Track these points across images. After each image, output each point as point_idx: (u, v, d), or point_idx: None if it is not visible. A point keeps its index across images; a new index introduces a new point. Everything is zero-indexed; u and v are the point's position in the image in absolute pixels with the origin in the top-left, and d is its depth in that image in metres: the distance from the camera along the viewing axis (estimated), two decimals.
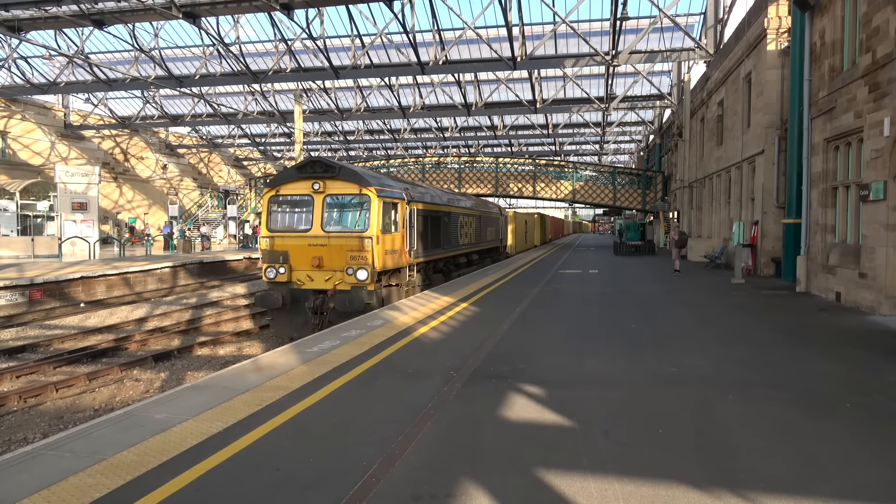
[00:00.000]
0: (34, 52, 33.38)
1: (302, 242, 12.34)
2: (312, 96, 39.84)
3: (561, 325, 10.07)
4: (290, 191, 12.70)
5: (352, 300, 11.61)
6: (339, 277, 12.12)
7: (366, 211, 12.26)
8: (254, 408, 5.46)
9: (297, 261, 12.39)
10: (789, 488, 3.87)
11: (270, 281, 12.47)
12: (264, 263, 12.49)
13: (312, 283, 12.33)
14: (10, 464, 4.27)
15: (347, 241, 12.12)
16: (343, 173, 12.37)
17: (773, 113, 18.22)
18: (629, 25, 27.51)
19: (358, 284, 11.99)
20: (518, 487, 3.90)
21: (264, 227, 12.71)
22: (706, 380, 6.47)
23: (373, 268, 12.01)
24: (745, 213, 20.95)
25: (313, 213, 12.38)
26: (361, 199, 12.33)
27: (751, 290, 15.02)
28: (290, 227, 12.73)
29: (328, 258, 12.20)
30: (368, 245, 12.02)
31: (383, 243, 12.48)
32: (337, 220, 12.55)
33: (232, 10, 23.00)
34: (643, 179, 40.58)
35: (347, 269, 12.04)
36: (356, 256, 12.03)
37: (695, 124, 30.52)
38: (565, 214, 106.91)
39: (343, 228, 12.37)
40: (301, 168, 12.60)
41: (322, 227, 12.30)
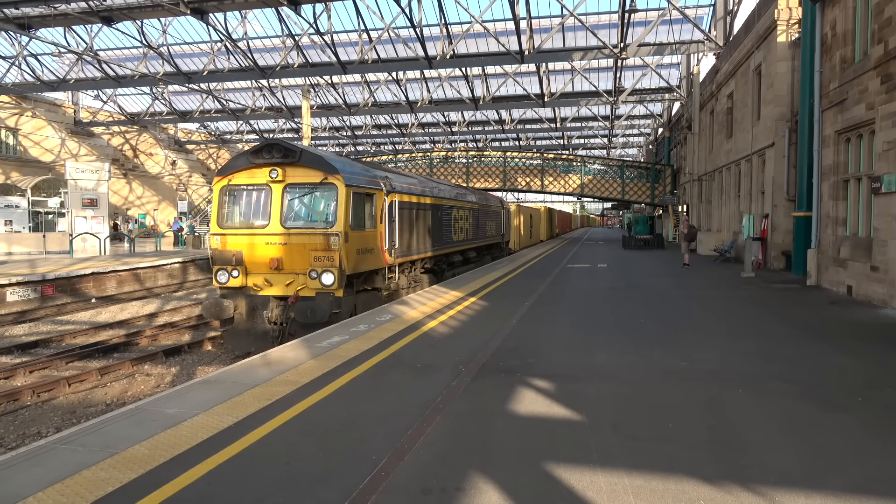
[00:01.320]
0: (44, 50, 33.56)
1: (258, 241, 10.69)
2: (320, 91, 39.89)
3: (570, 319, 10.05)
4: (243, 180, 10.99)
5: (314, 310, 10.00)
6: (301, 282, 10.48)
7: (332, 203, 10.61)
8: (263, 402, 5.49)
9: (253, 262, 10.75)
10: (801, 482, 3.85)
11: (222, 286, 10.84)
12: (215, 266, 10.86)
13: (271, 289, 10.69)
14: (24, 457, 4.32)
15: (310, 239, 10.46)
16: (305, 158, 10.62)
17: (784, 105, 18.06)
18: (638, 18, 27.33)
19: (324, 290, 10.36)
20: (527, 481, 3.91)
21: (214, 222, 11.13)
22: (716, 374, 6.44)
23: (340, 270, 10.36)
24: (756, 207, 20.81)
25: (271, 206, 10.73)
26: (327, 189, 10.65)
27: (761, 283, 14.94)
28: (244, 222, 11.03)
29: (289, 259, 10.56)
30: (335, 243, 10.33)
31: (354, 241, 10.85)
32: (299, 213, 10.90)
33: (239, 5, 23.06)
34: (652, 173, 40.41)
35: (311, 271, 10.33)
36: (321, 257, 10.39)
37: (704, 117, 30.32)
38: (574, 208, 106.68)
39: (306, 224, 10.72)
40: (256, 153, 10.82)
41: (281, 223, 10.65)
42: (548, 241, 43.60)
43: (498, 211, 26.86)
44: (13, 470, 4.10)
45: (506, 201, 30.25)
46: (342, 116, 44.48)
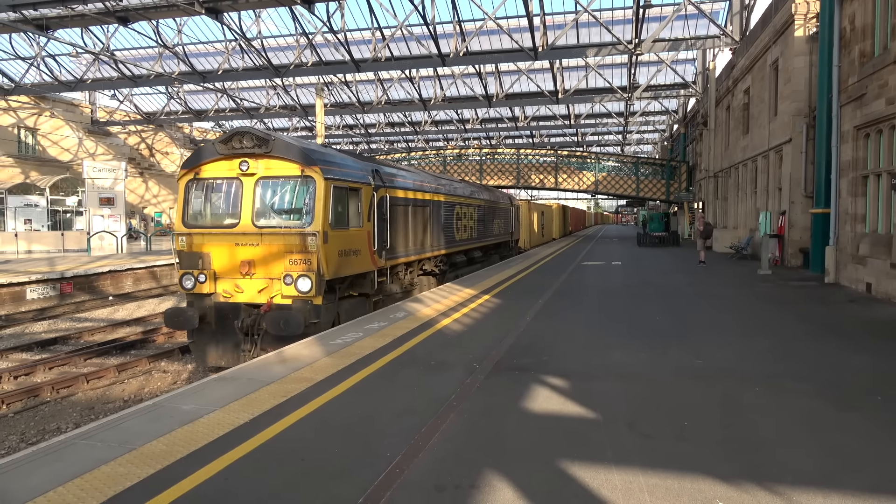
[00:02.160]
0: (62, 50, 33.95)
1: (228, 241, 9.60)
2: (333, 90, 39.99)
3: (584, 317, 10.01)
4: (211, 173, 9.91)
5: (287, 321, 8.89)
6: (276, 288, 9.40)
7: (309, 198, 9.48)
8: (279, 399, 5.53)
9: (223, 266, 9.66)
10: (818, 482, 3.81)
11: (189, 292, 9.79)
12: (180, 269, 9.81)
13: (243, 296, 9.60)
14: (45, 452, 4.38)
15: (285, 240, 9.35)
16: (278, 148, 9.51)
17: (801, 100, 17.86)
18: (652, 13, 27.12)
19: (300, 297, 9.27)
20: (542, 479, 3.90)
21: (179, 220, 10.05)
22: (732, 372, 6.39)
23: (319, 275, 9.21)
24: (772, 203, 20.60)
25: (241, 203, 9.65)
26: (304, 183, 9.54)
27: (778, 281, 14.79)
28: (212, 221, 9.98)
29: (262, 262, 9.48)
30: (312, 244, 9.21)
31: (336, 241, 9.68)
32: (273, 210, 9.82)
33: (253, 4, 23.17)
34: (667, 170, 40.12)
35: (285, 276, 9.21)
36: (296, 260, 9.29)
37: (720, 113, 30.04)
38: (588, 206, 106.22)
39: (281, 222, 9.64)
40: (224, 142, 9.69)
41: (253, 222, 9.53)
42: (561, 239, 43.22)
43: (506, 208, 25.56)
44: (34, 464, 4.17)
45: (515, 198, 29.07)
46: (355, 114, 44.54)
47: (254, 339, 9.45)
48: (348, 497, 3.65)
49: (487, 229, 21.58)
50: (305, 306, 9.33)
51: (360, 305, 11.09)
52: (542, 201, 55.16)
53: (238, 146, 9.57)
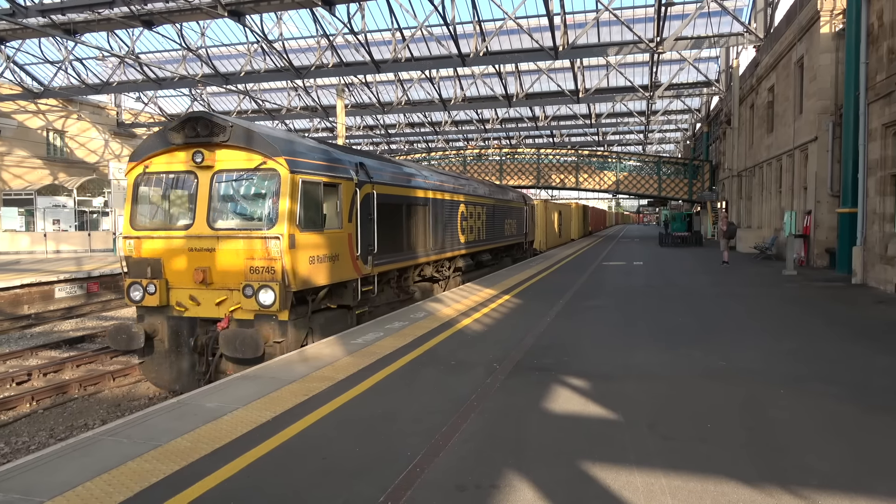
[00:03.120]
0: (88, 54, 34.61)
1: (181, 245, 8.39)
2: (354, 90, 40.19)
3: (605, 317, 9.95)
4: (163, 166, 8.68)
5: (244, 341, 7.66)
6: (236, 300, 8.15)
7: (273, 195, 8.24)
8: (300, 398, 5.58)
9: (176, 274, 8.43)
10: (844, 486, 3.75)
11: (137, 305, 8.56)
12: (127, 279, 8.58)
13: (198, 309, 8.38)
14: (73, 448, 4.48)
15: (245, 244, 8.10)
16: (237, 136, 8.23)
17: (827, 98, 17.57)
18: (674, 11, 26.86)
19: (263, 311, 8.02)
20: (562, 479, 3.89)
21: (127, 222, 8.82)
22: (756, 374, 6.31)
23: (284, 285, 7.93)
24: (798, 203, 20.29)
25: (196, 201, 8.43)
26: (266, 177, 8.29)
27: (803, 281, 14.56)
28: (163, 222, 8.79)
29: (219, 270, 8.22)
30: (275, 249, 7.96)
31: (307, 246, 8.41)
32: (232, 210, 8.57)
33: (275, 6, 23.39)
34: (690, 169, 39.70)
35: (245, 287, 7.94)
36: (258, 268, 8.05)
37: (744, 111, 29.65)
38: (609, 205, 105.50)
39: (240, 223, 8.37)
40: (177, 130, 8.41)
41: (209, 223, 8.31)
42: (580, 240, 42.76)
43: (519, 207, 24.10)
44: (63, 459, 4.26)
45: (529, 197, 27.62)
46: (376, 115, 44.74)
47: (208, 361, 8.24)
48: (369, 496, 3.67)
49: (497, 230, 20.19)
50: (268, 322, 8.14)
51: (339, 319, 9.67)
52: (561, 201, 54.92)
53: (192, 134, 8.28)
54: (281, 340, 8.20)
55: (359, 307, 10.25)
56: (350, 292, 9.84)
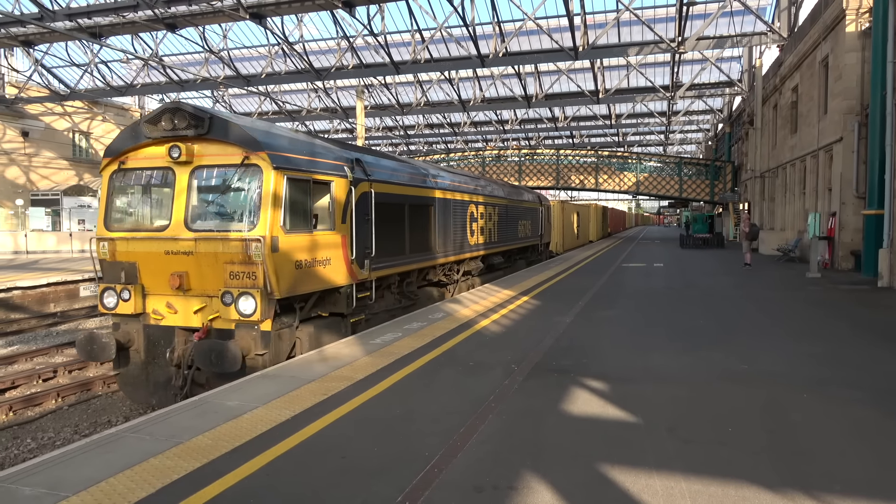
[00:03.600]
0: (113, 57, 35.21)
1: (157, 248, 7.77)
2: (373, 92, 40.38)
3: (624, 319, 9.88)
4: (139, 161, 8.08)
5: (220, 354, 7.05)
6: (215, 308, 7.57)
7: (254, 194, 7.60)
8: (319, 397, 5.62)
9: (152, 279, 7.86)
10: (868, 492, 3.69)
11: (111, 312, 8.01)
12: (101, 284, 8.07)
13: (176, 318, 7.84)
14: (96, 444, 4.56)
15: (224, 247, 7.47)
16: (217, 129, 7.65)
17: (853, 98, 17.28)
18: (696, 11, 26.61)
19: (243, 321, 7.41)
20: (580, 482, 3.87)
21: (101, 222, 8.27)
22: (778, 377, 6.22)
23: (266, 292, 7.35)
24: (822, 204, 19.98)
25: (173, 200, 7.82)
26: (248, 174, 7.65)
27: (827, 284, 14.32)
28: (139, 222, 8.23)
29: (197, 275, 7.62)
30: (257, 253, 7.34)
31: (293, 249, 7.81)
32: (211, 210, 7.93)
33: (296, 9, 23.61)
34: (711, 170, 39.30)
35: (224, 294, 7.36)
36: (238, 273, 7.43)
37: (767, 112, 29.28)
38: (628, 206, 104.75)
39: (220, 224, 7.72)
40: (153, 122, 7.80)
41: (186, 223, 7.69)
42: (598, 242, 42.05)
43: (534, 208, 23.06)
44: (87, 455, 4.33)
45: (545, 197, 26.62)
46: (395, 116, 44.91)
47: (184, 375, 7.59)
48: (388, 495, 3.69)
49: (510, 232, 19.28)
50: (249, 333, 7.49)
51: (332, 328, 8.94)
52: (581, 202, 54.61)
53: (169, 127, 7.70)
54: (263, 353, 7.50)
55: (354, 315, 9.48)
56: (344, 299, 9.12)
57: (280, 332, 7.78)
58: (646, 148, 60.15)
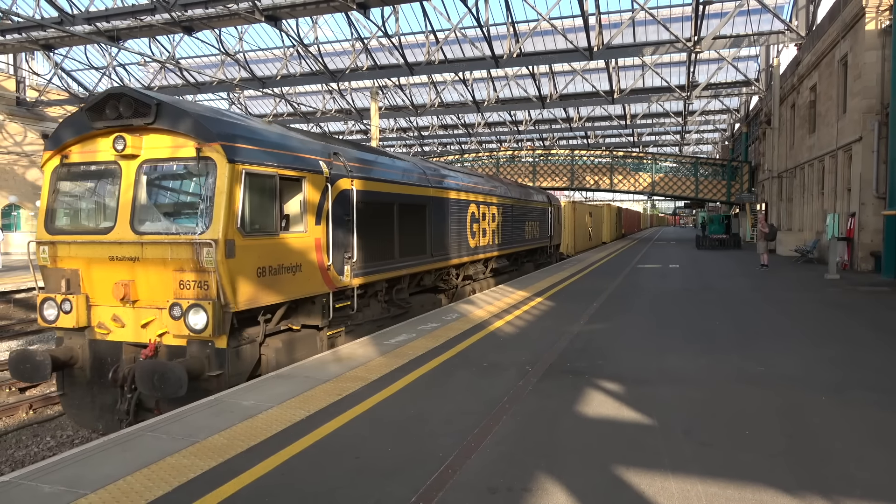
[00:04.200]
0: (131, 60, 35.62)
1: (100, 254, 6.95)
2: (388, 93, 40.48)
3: (640, 320, 9.82)
4: (82, 155, 7.24)
5: (164, 377, 6.11)
6: (166, 321, 6.64)
7: (207, 191, 6.69)
8: (334, 397, 5.64)
9: (96, 288, 7.02)
10: (890, 497, 3.63)
11: (51, 326, 7.18)
12: (41, 293, 7.23)
13: (123, 332, 6.97)
14: (115, 443, 4.61)
15: (173, 252, 6.63)
16: (166, 117, 6.76)
17: (873, 97, 17.05)
18: (712, 10, 26.40)
19: (195, 337, 6.53)
20: (595, 484, 3.85)
21: (41, 224, 7.45)
22: (796, 380, 6.15)
23: (220, 305, 6.48)
24: (841, 205, 19.73)
25: (118, 198, 6.97)
26: (201, 168, 6.74)
27: (846, 286, 14.14)
28: (82, 224, 7.37)
29: (145, 284, 6.80)
30: (209, 259, 6.46)
31: (255, 254, 6.91)
32: (160, 209, 7.07)
33: (311, 11, 23.73)
34: (728, 170, 38.96)
35: (172, 307, 6.51)
36: (188, 282, 6.59)
37: (784, 111, 28.97)
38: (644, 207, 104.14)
39: (169, 226, 6.84)
40: (96, 110, 6.93)
41: (132, 226, 6.86)
42: (612, 243, 41.52)
43: (543, 208, 21.97)
44: (106, 454, 4.38)
45: (555, 196, 25.44)
46: (409, 117, 44.98)
47: (126, 398, 6.72)
48: (401, 496, 3.69)
49: (517, 233, 18.27)
50: (202, 351, 6.61)
51: (304, 343, 8.08)
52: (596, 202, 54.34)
53: (113, 115, 6.85)
54: (218, 373, 6.61)
55: (333, 326, 8.61)
56: (319, 309, 8.22)
57: (238, 350, 6.85)
58: (661, 148, 59.74)
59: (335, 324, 8.66)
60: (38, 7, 26.31)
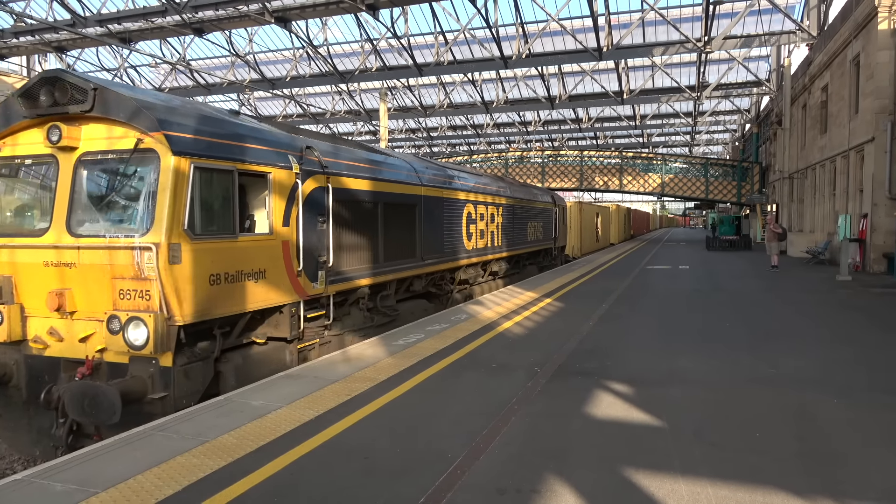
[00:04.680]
0: (142, 62, 35.88)
1: (34, 259, 6.23)
2: (397, 94, 40.54)
3: (649, 322, 9.77)
4: (15, 147, 6.54)
5: (94, 401, 5.43)
6: (105, 336, 5.86)
7: (149, 187, 5.95)
8: (343, 397, 5.64)
9: (32, 297, 6.28)
10: None
11: None
12: None
13: (61, 347, 6.21)
14: (125, 442, 4.63)
15: (111, 258, 5.89)
16: (105, 104, 5.97)
17: (885, 97, 16.91)
18: (723, 10, 26.27)
19: (136, 354, 5.76)
20: (604, 486, 3.84)
21: None
22: (808, 382, 6.10)
23: (164, 317, 5.72)
24: (853, 206, 19.57)
25: (54, 196, 6.24)
26: (143, 161, 6.00)
27: (858, 287, 14.01)
28: (16, 225, 6.70)
29: (83, 293, 6.05)
30: (149, 264, 5.72)
31: (205, 259, 6.10)
32: (99, 209, 6.27)
33: (320, 12, 23.83)
34: (738, 171, 38.72)
35: (110, 319, 5.76)
36: (128, 292, 5.84)
37: (795, 111, 28.77)
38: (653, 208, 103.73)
39: (109, 229, 6.06)
40: (29, 97, 6.20)
41: (69, 227, 6.13)
42: (621, 244, 41.13)
43: (546, 208, 21.05)
44: (116, 453, 4.41)
45: (560, 196, 24.65)
46: (418, 118, 45.02)
47: (59, 422, 5.95)
48: (410, 496, 3.69)
49: (518, 234, 17.45)
50: (145, 370, 5.86)
51: (270, 358, 7.28)
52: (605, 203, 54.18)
53: (48, 102, 6.10)
54: (163, 395, 5.83)
55: (306, 338, 7.83)
56: (287, 320, 7.36)
57: (188, 369, 6.08)
58: (671, 149, 59.50)
59: (309, 335, 7.89)
60: (50, 10, 26.56)
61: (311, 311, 7.83)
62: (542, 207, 20.54)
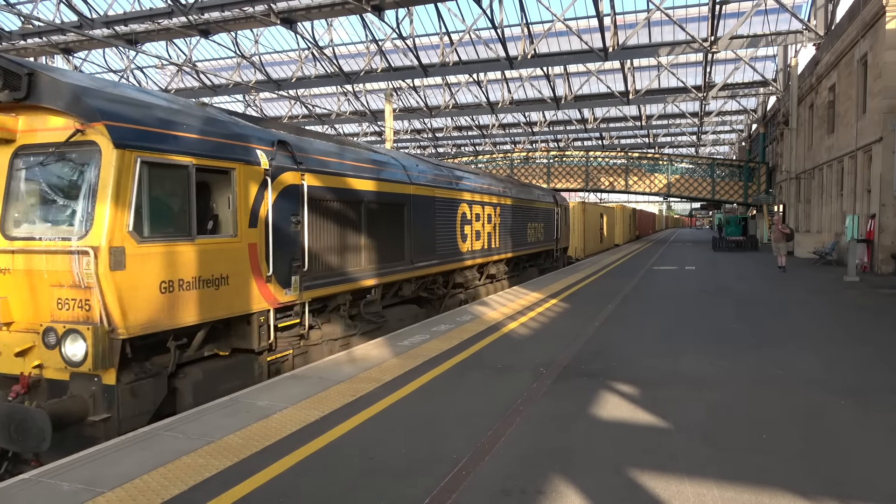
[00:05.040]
0: (148, 63, 36.05)
1: None
2: (402, 95, 40.58)
3: (655, 323, 9.74)
4: None
5: (20, 426, 4.90)
6: (41, 351, 5.38)
7: (89, 184, 5.38)
8: (348, 398, 5.65)
9: None
10: None
11: None
12: None
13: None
14: (132, 441, 4.65)
15: (49, 263, 5.38)
16: (41, 92, 5.42)
17: (893, 97, 16.82)
18: (729, 9, 26.17)
19: (75, 370, 5.24)
20: (610, 487, 3.83)
21: None
22: (816, 383, 6.07)
23: (105, 329, 5.17)
24: (860, 206, 19.46)
25: None
26: (83, 155, 5.45)
27: (866, 288, 13.94)
28: None
29: (19, 302, 5.55)
30: (88, 271, 5.15)
31: (152, 264, 5.52)
32: (37, 209, 5.74)
33: (326, 13, 23.89)
34: (745, 171, 38.56)
35: (46, 332, 5.27)
36: (67, 301, 5.35)
37: (802, 111, 28.64)
38: (659, 209, 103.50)
39: (47, 231, 5.55)
40: None
41: (3, 229, 5.65)
42: (626, 245, 40.69)
43: (548, 209, 20.30)
44: (122, 453, 4.43)
45: (562, 196, 23.82)
46: (423, 119, 45.05)
47: None
48: (415, 497, 3.69)
49: (517, 235, 16.75)
50: (86, 388, 5.32)
51: (235, 372, 6.64)
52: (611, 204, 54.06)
53: None
54: (105, 417, 5.29)
55: (277, 350, 7.21)
56: (254, 331, 6.76)
57: (135, 386, 5.51)
58: (677, 149, 59.32)
59: (282, 346, 7.32)
60: (58, 11, 26.70)
61: (284, 320, 7.27)
62: (544, 208, 19.88)
